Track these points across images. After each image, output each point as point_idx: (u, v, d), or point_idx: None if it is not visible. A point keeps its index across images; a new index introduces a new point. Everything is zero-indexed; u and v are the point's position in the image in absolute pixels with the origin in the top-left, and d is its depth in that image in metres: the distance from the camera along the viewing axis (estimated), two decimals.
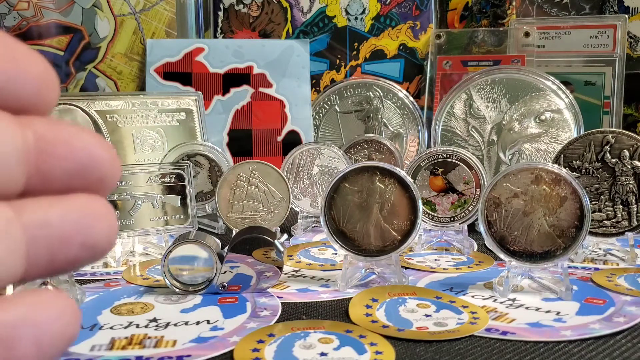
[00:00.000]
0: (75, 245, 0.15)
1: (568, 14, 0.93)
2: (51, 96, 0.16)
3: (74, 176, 0.15)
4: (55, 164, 0.15)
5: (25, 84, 0.15)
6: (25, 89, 0.15)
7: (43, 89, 0.15)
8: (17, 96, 0.15)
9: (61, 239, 0.15)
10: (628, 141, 0.53)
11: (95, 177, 0.16)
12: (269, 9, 0.95)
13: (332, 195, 0.47)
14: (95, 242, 0.15)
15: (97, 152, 0.16)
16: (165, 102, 0.80)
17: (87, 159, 0.15)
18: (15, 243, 0.14)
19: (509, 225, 0.45)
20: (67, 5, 0.85)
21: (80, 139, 0.16)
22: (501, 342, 0.36)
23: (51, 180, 0.15)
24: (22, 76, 0.15)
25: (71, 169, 0.15)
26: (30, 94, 0.15)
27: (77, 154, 0.15)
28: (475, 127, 0.73)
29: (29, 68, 0.15)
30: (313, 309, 0.42)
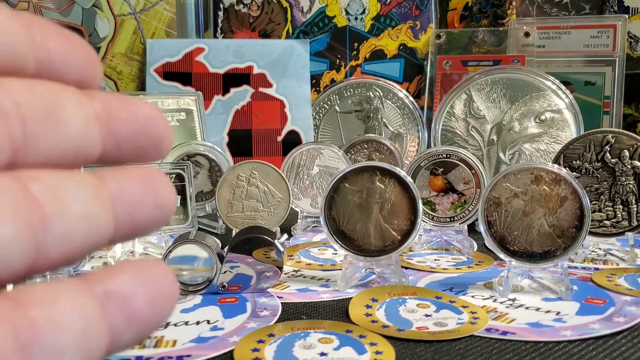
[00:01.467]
0: (148, 206, 0.17)
1: (568, 14, 0.93)
2: (99, 70, 0.18)
3: (140, 136, 0.18)
4: (123, 126, 0.17)
5: (79, 61, 0.17)
6: (79, 64, 0.17)
7: (91, 64, 0.18)
8: (76, 71, 0.17)
9: (136, 201, 0.17)
10: (628, 141, 0.53)
11: (156, 135, 0.18)
12: (269, 9, 0.95)
13: (332, 195, 0.47)
14: (163, 202, 0.18)
15: (153, 114, 0.18)
16: (165, 102, 0.80)
17: (147, 119, 0.18)
18: (105, 203, 0.16)
19: (509, 225, 0.45)
20: (67, 5, 0.85)
21: (137, 104, 0.18)
22: (501, 342, 0.36)
23: (122, 142, 0.17)
24: (76, 53, 0.17)
25: (136, 129, 0.18)
26: (84, 68, 0.17)
27: (138, 115, 0.18)
28: (475, 127, 0.73)
29: (77, 46, 0.17)
30: (313, 309, 0.42)
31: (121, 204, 0.17)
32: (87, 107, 0.17)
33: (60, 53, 0.17)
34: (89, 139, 0.17)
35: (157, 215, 0.18)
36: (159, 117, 0.18)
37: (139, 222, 0.17)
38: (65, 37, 0.17)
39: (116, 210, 0.17)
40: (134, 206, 0.17)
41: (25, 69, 0.16)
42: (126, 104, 0.18)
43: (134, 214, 0.17)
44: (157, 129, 0.18)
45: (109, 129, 0.17)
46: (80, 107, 0.16)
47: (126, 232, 0.17)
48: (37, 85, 0.16)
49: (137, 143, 0.18)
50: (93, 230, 0.16)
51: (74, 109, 0.16)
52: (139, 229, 0.18)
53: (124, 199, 0.17)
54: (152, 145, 0.18)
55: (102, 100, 0.17)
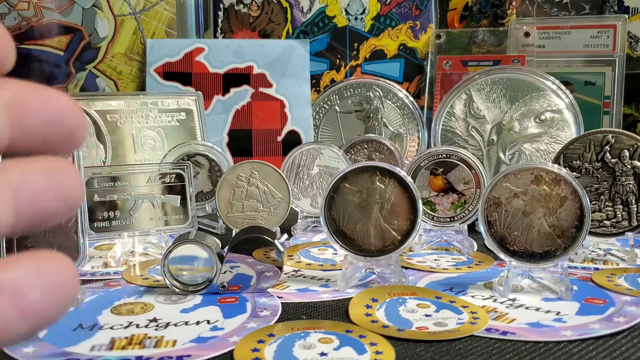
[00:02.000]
0: (51, 197, 0.17)
1: (568, 14, 0.93)
2: (10, 54, 0.18)
3: (51, 126, 0.17)
4: (33, 116, 0.17)
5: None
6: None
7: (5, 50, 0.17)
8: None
9: (39, 192, 0.17)
10: (628, 141, 0.53)
11: (68, 126, 0.18)
12: (269, 9, 0.95)
13: (332, 195, 0.47)
14: (67, 193, 0.18)
15: (67, 104, 0.18)
16: (165, 102, 0.80)
17: (59, 110, 0.18)
18: (5, 195, 0.16)
19: (509, 225, 0.45)
20: (67, 5, 0.85)
21: (50, 94, 0.18)
22: (501, 342, 0.36)
23: (32, 132, 0.17)
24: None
25: (47, 119, 0.17)
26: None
27: (50, 106, 0.17)
28: (475, 127, 0.73)
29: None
30: (313, 309, 0.42)
31: (23, 195, 0.17)
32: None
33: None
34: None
35: (60, 206, 0.18)
36: (73, 109, 0.18)
37: (41, 213, 0.17)
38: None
39: (17, 201, 0.17)
40: (36, 197, 0.17)
41: None
42: (39, 93, 0.18)
43: (36, 205, 0.17)
44: (70, 120, 0.18)
45: (18, 118, 0.17)
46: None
47: (27, 224, 0.17)
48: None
49: (47, 134, 0.18)
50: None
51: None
52: (41, 221, 0.17)
53: (26, 190, 0.17)
54: (64, 137, 0.18)
55: (13, 88, 0.17)
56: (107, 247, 0.60)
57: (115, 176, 0.55)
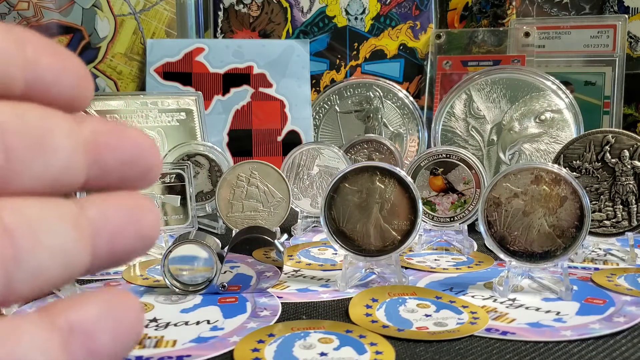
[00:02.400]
0: (130, 235, 0.17)
1: (568, 14, 0.93)
2: (90, 90, 0.17)
3: (127, 165, 0.17)
4: (110, 155, 0.17)
5: (70, 79, 0.16)
6: (71, 84, 0.16)
7: (84, 84, 0.17)
8: (67, 92, 0.16)
9: (118, 231, 0.16)
10: (628, 141, 0.53)
11: (145, 165, 0.17)
12: (269, 9, 0.95)
13: (332, 195, 0.47)
14: (145, 232, 0.17)
15: (144, 143, 0.17)
16: (165, 102, 0.80)
17: (137, 149, 0.17)
18: (84, 234, 0.16)
19: (509, 225, 0.45)
20: (67, 5, 0.85)
21: (129, 132, 0.17)
22: (501, 342, 0.36)
23: (108, 170, 0.17)
24: (67, 73, 0.16)
25: (124, 158, 0.17)
26: (76, 89, 0.16)
27: (127, 144, 0.17)
28: (475, 127, 0.73)
29: (70, 65, 0.16)
30: (313, 309, 0.42)
31: (101, 234, 0.16)
32: (76, 135, 0.16)
33: (52, 72, 0.16)
34: (75, 168, 0.16)
35: (138, 245, 0.17)
36: (150, 147, 0.17)
37: (118, 251, 0.17)
38: (59, 55, 0.16)
39: (95, 240, 0.16)
40: (114, 235, 0.16)
41: (13, 89, 0.15)
42: (116, 131, 0.17)
43: (114, 243, 0.16)
44: (146, 159, 0.17)
45: (95, 157, 0.16)
46: (68, 135, 0.16)
47: (103, 262, 0.16)
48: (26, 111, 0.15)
49: (123, 172, 0.17)
50: (67, 263, 0.15)
51: (62, 137, 0.15)
52: (118, 259, 0.17)
53: (105, 228, 0.16)
54: (139, 176, 0.17)
55: (91, 126, 0.16)
56: None
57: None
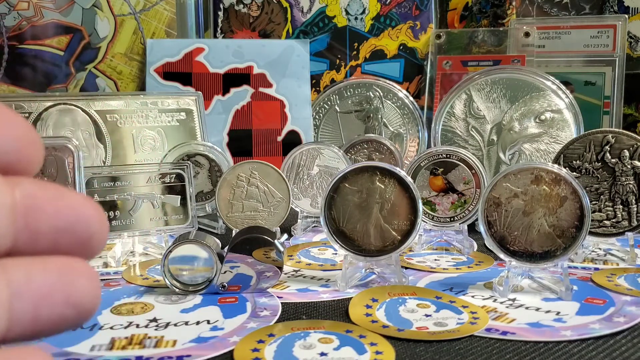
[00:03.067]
0: (58, 302, 0.15)
1: (568, 14, 0.93)
2: (35, 155, 0.16)
3: (62, 233, 0.16)
4: (43, 222, 0.15)
5: (9, 144, 0.15)
6: (9, 149, 0.15)
7: (27, 149, 0.16)
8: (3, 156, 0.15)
9: (44, 296, 0.15)
10: (628, 141, 0.53)
11: (83, 235, 0.16)
12: (269, 9, 0.95)
13: (332, 195, 0.47)
14: (78, 300, 0.16)
15: (85, 211, 0.16)
16: (165, 102, 0.80)
17: (75, 217, 0.16)
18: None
19: (509, 225, 0.45)
20: (67, 5, 0.85)
21: (68, 197, 0.16)
22: (501, 342, 0.36)
23: (39, 237, 0.15)
24: (6, 137, 0.15)
25: (59, 226, 0.16)
26: (14, 154, 0.15)
27: (65, 211, 0.16)
28: (475, 127, 0.73)
29: (11, 129, 0.15)
30: (313, 309, 0.42)
31: (23, 298, 0.15)
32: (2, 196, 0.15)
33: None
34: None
35: (69, 313, 0.15)
36: (92, 216, 0.16)
37: (44, 319, 0.15)
38: None
39: (15, 305, 0.14)
40: (39, 301, 0.15)
41: None
42: (55, 196, 0.16)
43: (39, 310, 0.15)
44: (85, 228, 0.16)
45: (26, 222, 0.15)
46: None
47: (27, 330, 0.15)
48: None
49: (58, 239, 0.16)
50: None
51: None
52: (45, 327, 0.15)
53: (28, 293, 0.15)
54: (78, 244, 0.16)
55: (25, 190, 0.15)
56: (107, 247, 0.60)
57: (115, 176, 0.55)
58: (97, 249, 0.17)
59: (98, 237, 0.16)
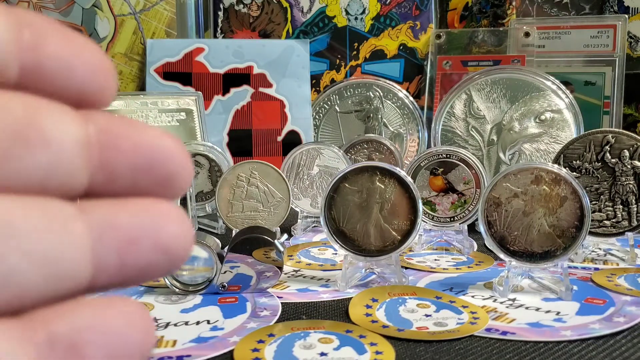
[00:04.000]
0: (146, 247, 0.14)
1: (568, 14, 0.93)
2: (110, 87, 0.15)
3: (141, 172, 0.14)
4: (121, 159, 0.14)
5: (85, 73, 0.14)
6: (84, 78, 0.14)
7: (102, 79, 0.14)
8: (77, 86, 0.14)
9: (130, 241, 0.14)
10: (628, 141, 0.53)
11: (164, 173, 0.15)
12: (269, 9, 0.95)
13: (332, 195, 0.47)
14: (167, 245, 0.14)
15: (165, 147, 0.15)
16: (165, 102, 0.80)
17: (154, 154, 0.14)
18: (78, 241, 0.13)
19: (509, 225, 0.45)
20: (67, 5, 0.85)
21: (147, 133, 0.15)
22: (501, 342, 0.36)
23: (117, 176, 0.14)
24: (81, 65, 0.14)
25: (138, 164, 0.14)
26: (89, 84, 0.14)
27: (143, 148, 0.14)
28: (475, 127, 0.73)
29: (85, 55, 0.14)
30: (313, 309, 0.42)
31: (107, 243, 0.14)
32: (74, 131, 0.13)
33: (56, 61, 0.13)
34: (71, 169, 0.13)
35: (158, 259, 0.14)
36: (173, 152, 0.15)
37: (131, 266, 0.14)
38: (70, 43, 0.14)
39: (98, 250, 0.13)
40: (125, 246, 0.14)
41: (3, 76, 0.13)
42: (132, 131, 0.14)
43: (125, 256, 0.14)
44: (167, 166, 0.14)
45: (101, 160, 0.14)
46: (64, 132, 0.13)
47: (113, 278, 0.14)
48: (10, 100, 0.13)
49: (137, 179, 0.14)
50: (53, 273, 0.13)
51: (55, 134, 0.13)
52: (133, 275, 0.14)
53: (112, 237, 0.14)
54: (160, 184, 0.15)
55: (100, 125, 0.14)
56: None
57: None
58: (181, 189, 0.15)
59: (181, 176, 0.15)
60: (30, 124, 0.13)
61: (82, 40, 0.14)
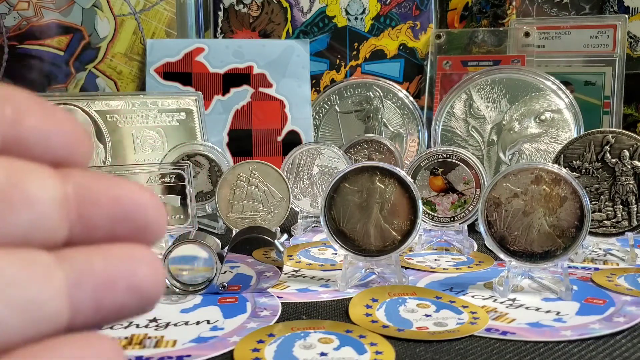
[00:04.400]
0: (120, 289, 0.15)
1: (568, 14, 0.93)
2: (85, 152, 0.16)
3: (118, 223, 0.15)
4: (98, 212, 0.15)
5: (61, 141, 0.15)
6: (61, 146, 0.15)
7: (77, 146, 0.16)
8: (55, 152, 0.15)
9: (105, 285, 0.15)
10: (628, 141, 0.53)
11: (140, 223, 0.16)
12: (269, 9, 0.95)
13: (332, 195, 0.47)
14: (140, 286, 0.15)
15: (141, 199, 0.16)
16: (165, 102, 0.80)
17: (130, 206, 0.16)
18: (57, 288, 0.14)
19: (509, 225, 0.45)
20: (67, 5, 0.85)
21: (122, 187, 0.16)
22: (501, 342, 0.36)
23: (95, 228, 0.15)
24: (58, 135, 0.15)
25: (114, 216, 0.15)
26: (66, 150, 0.15)
27: (119, 200, 0.16)
28: (475, 127, 0.73)
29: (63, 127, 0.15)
30: (313, 309, 0.42)
31: (83, 287, 0.14)
32: (53, 190, 0.15)
33: (36, 132, 0.15)
34: (51, 224, 0.15)
35: (132, 301, 0.15)
36: (148, 203, 0.16)
37: (107, 307, 0.15)
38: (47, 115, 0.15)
39: (75, 294, 0.14)
40: (100, 289, 0.15)
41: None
42: (108, 186, 0.16)
43: (101, 298, 0.15)
44: (143, 216, 0.16)
45: (79, 213, 0.15)
46: (44, 190, 0.14)
47: (89, 319, 0.15)
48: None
49: (113, 230, 0.15)
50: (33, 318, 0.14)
51: (36, 192, 0.14)
52: (108, 316, 0.15)
53: (88, 281, 0.15)
54: (136, 233, 0.16)
55: (78, 181, 0.15)
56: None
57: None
58: (157, 236, 0.16)
59: (156, 224, 0.16)
60: (13, 185, 0.14)
61: (59, 112, 0.16)
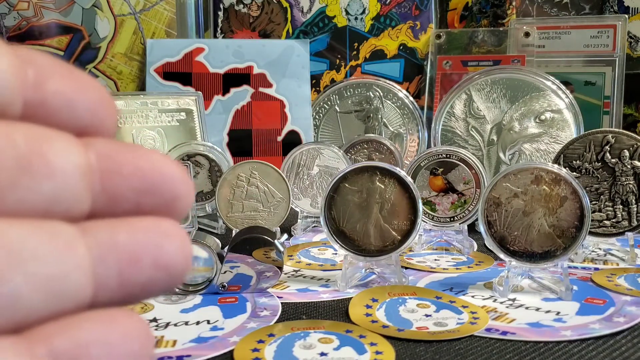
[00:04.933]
0: (146, 265, 0.14)
1: (568, 14, 0.93)
2: (111, 120, 0.15)
3: (144, 195, 0.15)
4: (123, 183, 0.15)
5: (86, 108, 0.15)
6: (85, 113, 0.15)
7: (102, 113, 0.15)
8: (78, 119, 0.15)
9: (130, 259, 0.14)
10: (628, 141, 0.53)
11: (167, 196, 0.15)
12: (269, 9, 0.95)
13: (332, 195, 0.47)
14: (167, 262, 0.15)
15: (166, 170, 0.15)
16: (165, 102, 0.80)
17: (157, 177, 0.15)
18: (80, 262, 0.14)
19: (509, 225, 0.45)
20: (67, 5, 0.85)
21: (148, 157, 0.15)
22: (501, 342, 0.36)
23: (119, 200, 0.15)
24: (82, 101, 0.15)
25: (140, 188, 0.15)
26: (90, 117, 0.15)
27: (145, 172, 0.15)
28: (475, 127, 0.73)
29: (88, 93, 0.15)
30: (313, 309, 0.42)
31: (108, 262, 0.14)
32: (77, 159, 0.14)
33: (59, 97, 0.14)
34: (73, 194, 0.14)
35: (158, 276, 0.15)
36: (173, 175, 0.15)
37: (132, 283, 0.14)
38: (71, 79, 0.15)
39: (99, 269, 0.14)
40: (125, 264, 0.14)
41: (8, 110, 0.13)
42: (133, 156, 0.15)
43: (126, 274, 0.14)
44: (168, 189, 0.15)
45: (103, 184, 0.14)
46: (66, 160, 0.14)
47: (115, 295, 0.14)
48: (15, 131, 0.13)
49: (139, 202, 0.15)
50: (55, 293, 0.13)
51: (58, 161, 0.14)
52: (134, 292, 0.14)
53: (113, 256, 0.14)
54: (162, 206, 0.15)
55: (102, 150, 0.15)
56: None
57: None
58: (183, 210, 0.16)
59: (182, 197, 0.15)
60: (35, 152, 0.13)
61: (84, 77, 0.15)
